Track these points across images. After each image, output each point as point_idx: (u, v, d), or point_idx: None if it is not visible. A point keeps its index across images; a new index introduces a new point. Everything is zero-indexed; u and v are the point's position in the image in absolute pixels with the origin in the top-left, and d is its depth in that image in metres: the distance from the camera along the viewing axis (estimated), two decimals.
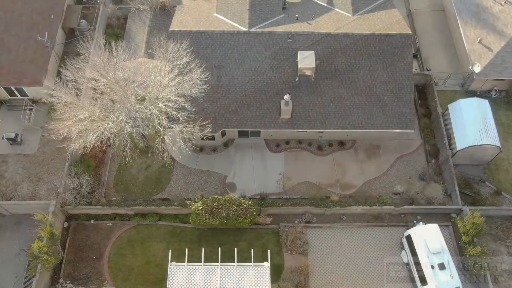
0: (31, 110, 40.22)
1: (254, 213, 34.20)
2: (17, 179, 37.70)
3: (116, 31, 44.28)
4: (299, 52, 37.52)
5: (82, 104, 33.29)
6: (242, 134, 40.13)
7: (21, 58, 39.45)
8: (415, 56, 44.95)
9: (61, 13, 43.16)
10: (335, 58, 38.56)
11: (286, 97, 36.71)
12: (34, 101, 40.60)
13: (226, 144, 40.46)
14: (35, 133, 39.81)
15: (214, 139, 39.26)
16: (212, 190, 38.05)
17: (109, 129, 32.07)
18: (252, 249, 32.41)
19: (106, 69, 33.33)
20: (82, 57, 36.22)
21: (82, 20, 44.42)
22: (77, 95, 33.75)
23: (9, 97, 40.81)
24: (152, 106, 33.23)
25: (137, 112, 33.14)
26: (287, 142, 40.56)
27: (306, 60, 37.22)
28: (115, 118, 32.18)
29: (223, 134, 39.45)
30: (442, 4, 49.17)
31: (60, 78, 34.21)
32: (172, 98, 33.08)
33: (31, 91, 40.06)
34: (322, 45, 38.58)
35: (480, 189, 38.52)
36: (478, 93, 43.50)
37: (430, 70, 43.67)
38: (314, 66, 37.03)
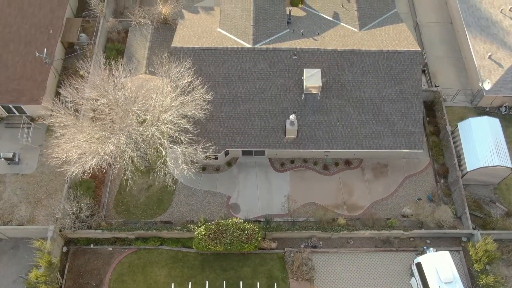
0: (29, 128, 39.11)
1: (259, 238, 33.14)
2: (15, 201, 36.63)
3: (117, 46, 43.11)
4: (305, 70, 36.47)
5: (82, 126, 32.23)
6: (246, 153, 39.04)
7: (19, 75, 38.43)
8: (422, 71, 43.86)
9: (60, 27, 41.96)
10: (342, 76, 37.50)
11: (292, 117, 35.65)
12: (33, 119, 39.52)
13: (229, 163, 39.40)
14: (33, 152, 38.73)
15: (217, 158, 38.19)
16: (215, 211, 37.01)
17: (109, 152, 30.98)
18: (258, 283, 31.28)
19: (106, 89, 32.31)
20: (81, 72, 35.17)
21: (81, 34, 43.27)
22: (76, 116, 32.67)
23: (6, 114, 39.73)
24: (153, 128, 32.15)
25: (137, 134, 32.04)
26: (292, 161, 39.49)
27: (312, 79, 36.16)
28: (115, 141, 31.09)
29: (227, 153, 38.38)
30: (450, 16, 48.04)
31: (59, 99, 33.22)
32: (174, 120, 32.00)
33: (29, 109, 38.97)
34: (328, 62, 37.51)
35: (490, 211, 37.50)
36: (488, 109, 42.46)
37: (438, 86, 42.54)
38: (321, 84, 35.96)
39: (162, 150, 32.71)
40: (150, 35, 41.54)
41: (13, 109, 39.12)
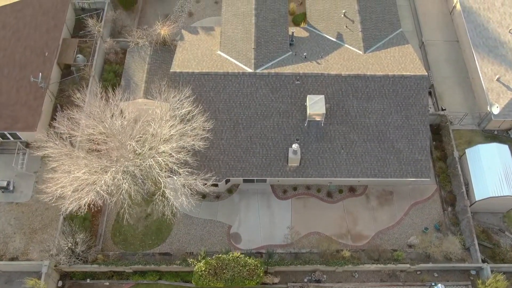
0: (24, 154, 38.01)
1: (261, 274, 32.00)
2: (9, 231, 35.54)
3: (114, 67, 41.96)
4: (308, 97, 35.29)
5: (77, 157, 31.10)
6: (247, 180, 37.89)
7: (13, 101, 37.33)
8: (429, 93, 42.50)
9: (57, 48, 40.69)
10: (346, 101, 36.33)
11: (295, 146, 34.49)
12: (28, 144, 38.41)
13: (230, 191, 38.29)
14: (28, 179, 37.63)
15: (217, 186, 37.05)
16: (215, 242, 35.93)
17: (105, 189, 29.81)
18: None
19: (102, 119, 31.22)
20: (76, 99, 33.96)
21: (78, 55, 42.08)
22: (71, 148, 31.52)
23: (1, 140, 38.60)
24: (151, 159, 31.02)
25: (134, 167, 30.88)
26: (295, 188, 38.36)
27: (316, 106, 34.99)
28: (111, 176, 29.95)
29: (227, 180, 37.26)
30: (456, 35, 46.77)
31: (54, 129, 32.18)
32: (173, 153, 30.83)
33: (25, 135, 37.86)
34: (332, 87, 36.35)
35: (500, 240, 36.37)
36: (496, 132, 41.29)
37: (445, 109, 41.31)
38: (324, 112, 34.80)
39: (161, 180, 31.57)
40: (149, 57, 40.23)
41: (8, 135, 38.03)
